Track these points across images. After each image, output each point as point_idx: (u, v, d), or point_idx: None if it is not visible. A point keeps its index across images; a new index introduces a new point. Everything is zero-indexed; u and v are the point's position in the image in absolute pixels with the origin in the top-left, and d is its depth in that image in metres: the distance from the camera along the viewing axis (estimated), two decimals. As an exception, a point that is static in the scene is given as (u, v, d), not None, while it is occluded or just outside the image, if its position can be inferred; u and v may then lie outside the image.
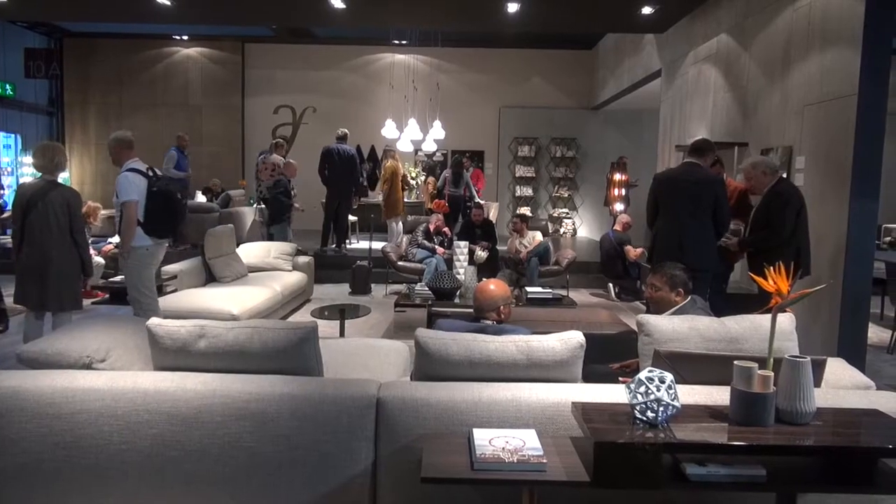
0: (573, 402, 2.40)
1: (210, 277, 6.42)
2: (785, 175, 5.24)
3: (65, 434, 2.60)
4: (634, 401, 2.16)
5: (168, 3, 8.20)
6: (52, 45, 14.50)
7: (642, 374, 2.18)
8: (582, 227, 14.22)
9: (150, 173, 4.93)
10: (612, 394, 2.53)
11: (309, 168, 9.78)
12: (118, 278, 5.98)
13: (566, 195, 14.27)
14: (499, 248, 8.30)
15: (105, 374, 2.71)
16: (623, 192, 11.92)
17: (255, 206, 11.03)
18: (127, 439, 2.60)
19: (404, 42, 13.72)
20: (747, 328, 2.82)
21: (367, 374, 2.96)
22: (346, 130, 9.51)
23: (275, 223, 8.60)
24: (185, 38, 14.02)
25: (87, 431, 2.60)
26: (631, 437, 2.08)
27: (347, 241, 10.02)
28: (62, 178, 4.98)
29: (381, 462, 2.60)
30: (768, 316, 2.34)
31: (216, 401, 2.60)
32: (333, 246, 9.56)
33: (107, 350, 2.86)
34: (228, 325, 2.80)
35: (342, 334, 5.01)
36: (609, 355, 3.65)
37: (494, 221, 9.70)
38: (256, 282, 6.40)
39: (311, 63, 13.93)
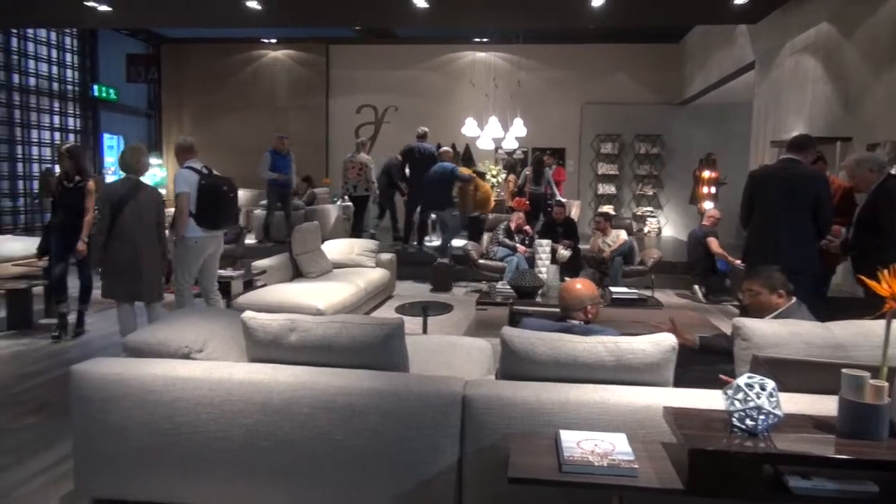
0: (665, 407, 2.32)
1: (297, 273, 6.61)
2: (894, 172, 4.90)
3: (165, 421, 2.73)
4: (732, 408, 2.06)
5: (258, 6, 8.49)
6: (150, 50, 15.31)
7: (741, 381, 2.07)
8: (667, 226, 13.80)
9: (204, 171, 5.29)
10: (706, 399, 2.43)
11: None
12: (226, 272, 6.23)
13: (651, 193, 13.88)
14: (581, 246, 8.16)
15: (203, 363, 2.83)
16: (713, 189, 11.48)
17: (338, 203, 11.29)
18: (222, 427, 2.70)
19: (485, 40, 13.70)
20: (856, 334, 2.65)
21: (450, 371, 2.96)
22: (426, 129, 9.58)
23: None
24: (273, 41, 14.49)
25: (186, 419, 2.72)
26: (728, 446, 1.99)
27: (427, 238, 10.12)
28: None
29: (466, 459, 2.60)
30: (880, 322, 2.19)
31: (306, 393, 2.66)
32: (415, 243, 9.66)
33: (204, 341, 2.98)
34: (318, 320, 2.87)
35: (425, 331, 5.04)
36: (698, 359, 3.51)
37: (576, 220, 9.55)
38: (341, 278, 6.54)
39: (392, 63, 14.12)
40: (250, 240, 10.01)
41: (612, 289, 6.02)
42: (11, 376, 4.72)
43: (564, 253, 6.97)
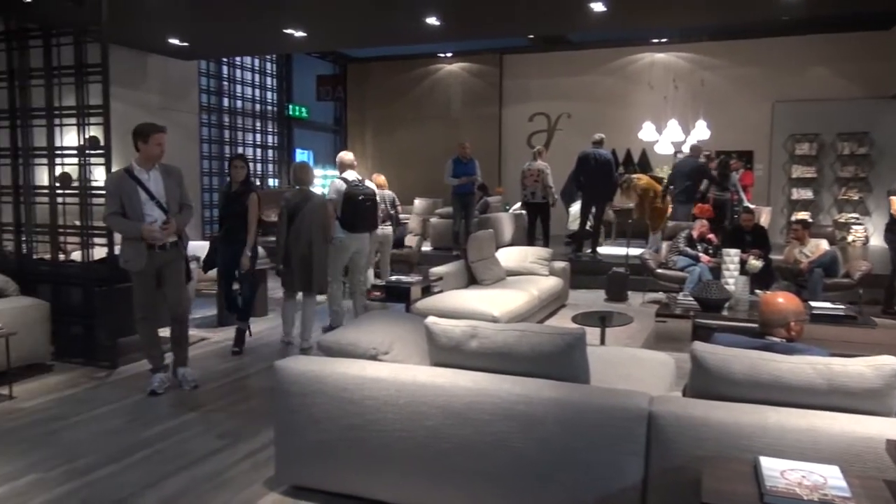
0: (888, 440, 2.05)
1: (471, 280, 6.74)
2: None
3: (356, 417, 2.89)
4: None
5: (437, 22, 8.80)
6: (337, 71, 16.48)
7: None
8: (875, 235, 12.30)
9: (354, 182, 6.22)
10: (942, 434, 2.11)
11: (562, 174, 9.87)
12: (393, 278, 6.54)
13: (856, 198, 12.46)
14: (772, 256, 7.50)
15: (389, 365, 2.96)
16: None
17: (510, 210, 11.38)
18: (406, 428, 2.80)
19: (664, 40, 13.12)
20: None
21: (631, 385, 2.83)
22: (603, 135, 9.36)
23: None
24: (449, 54, 14.96)
25: (374, 417, 2.86)
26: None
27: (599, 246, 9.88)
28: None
29: (651, 479, 2.47)
30: None
31: (486, 399, 2.68)
32: (589, 251, 9.46)
33: (390, 343, 3.12)
34: (498, 327, 2.89)
35: (603, 342, 4.91)
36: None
37: (766, 227, 8.80)
38: (515, 285, 6.56)
39: (565, 69, 13.98)
40: (426, 247, 10.38)
41: (812, 304, 5.46)
42: (224, 367, 5.27)
43: (756, 263, 6.43)
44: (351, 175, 6.25)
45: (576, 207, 10.50)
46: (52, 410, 4.23)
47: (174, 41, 10.18)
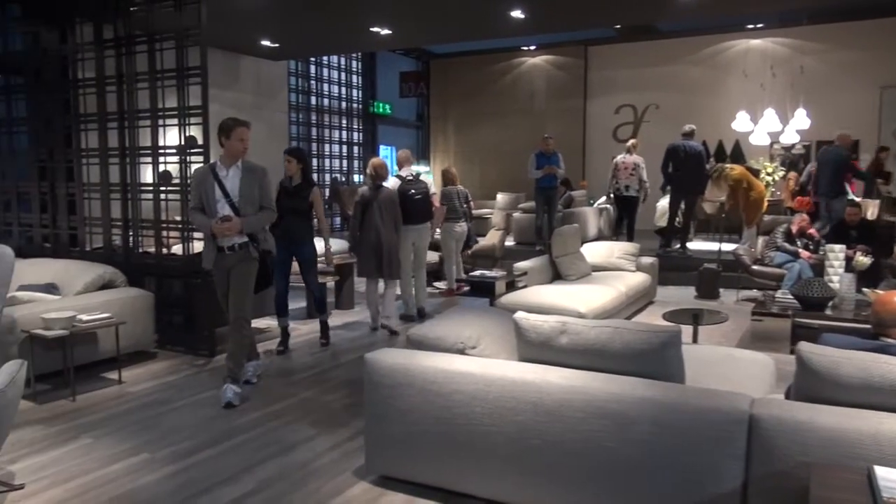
0: None
1: (556, 275, 6.65)
2: None
3: (444, 410, 2.91)
4: None
5: (522, 15, 8.73)
6: (420, 67, 16.63)
7: None
8: None
9: (409, 178, 6.73)
10: None
11: (648, 167, 9.60)
12: (477, 272, 6.55)
13: (973, 190, 11.50)
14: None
15: (478, 360, 2.96)
16: None
17: (595, 205, 11.16)
18: (495, 422, 2.79)
19: (760, 25, 12.52)
20: None
21: (728, 386, 2.72)
22: (693, 126, 9.02)
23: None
24: (533, 47, 14.82)
25: (462, 411, 2.87)
26: None
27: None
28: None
29: (752, 484, 2.37)
30: None
31: (577, 397, 2.64)
32: (678, 247, 9.17)
33: (477, 338, 3.12)
34: (589, 324, 2.83)
35: (695, 340, 4.74)
36: None
37: (874, 221, 8.25)
38: (600, 281, 6.43)
39: (653, 59, 13.57)
40: (509, 241, 10.33)
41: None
42: (314, 358, 5.43)
43: (864, 260, 6.03)
44: (405, 172, 6.84)
45: (663, 202, 10.19)
46: (156, 395, 4.47)
47: (266, 43, 10.55)
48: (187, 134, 5.66)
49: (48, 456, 3.50)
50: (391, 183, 6.71)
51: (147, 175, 5.97)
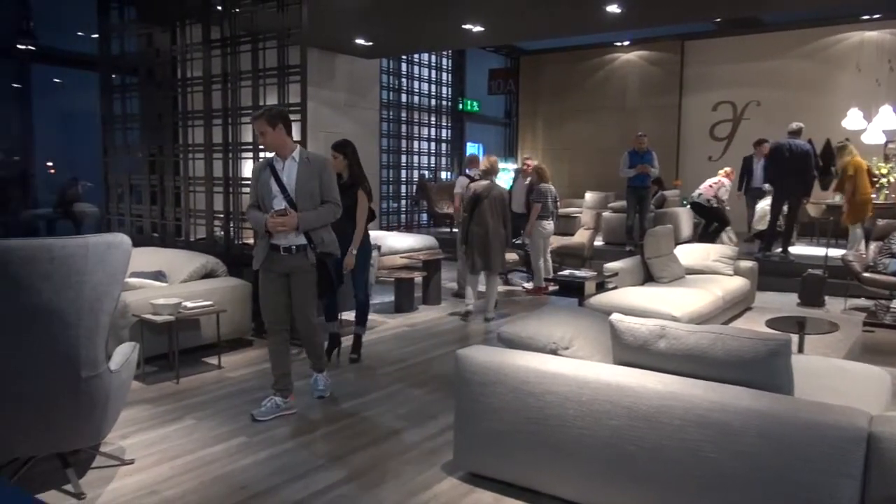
0: None
1: (647, 277, 6.46)
2: None
3: (535, 411, 2.87)
4: None
5: (618, 10, 8.52)
6: (509, 64, 16.54)
7: None
8: None
9: (476, 177, 7.15)
10: None
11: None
12: (566, 272, 6.46)
13: None
14: None
15: (571, 361, 2.91)
16: None
17: (687, 205, 10.76)
18: (588, 426, 2.73)
19: (876, 16, 11.70)
20: None
21: (840, 400, 2.55)
22: (801, 124, 8.54)
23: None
24: (626, 43, 14.45)
25: (554, 412, 2.82)
26: None
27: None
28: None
29: (869, 508, 2.21)
30: None
31: (675, 403, 2.55)
32: (779, 251, 8.71)
33: (570, 339, 3.06)
34: (690, 328, 2.73)
35: (801, 350, 4.48)
36: None
37: None
38: (695, 284, 6.20)
39: (755, 54, 12.93)
40: (598, 241, 10.13)
41: None
42: (403, 352, 5.51)
43: None
44: (473, 171, 7.51)
45: (763, 203, 9.72)
46: (253, 381, 4.65)
47: (360, 41, 10.77)
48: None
49: (155, 434, 3.70)
50: (460, 182, 7.47)
51: (247, 169, 6.21)
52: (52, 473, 3.09)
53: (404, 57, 14.01)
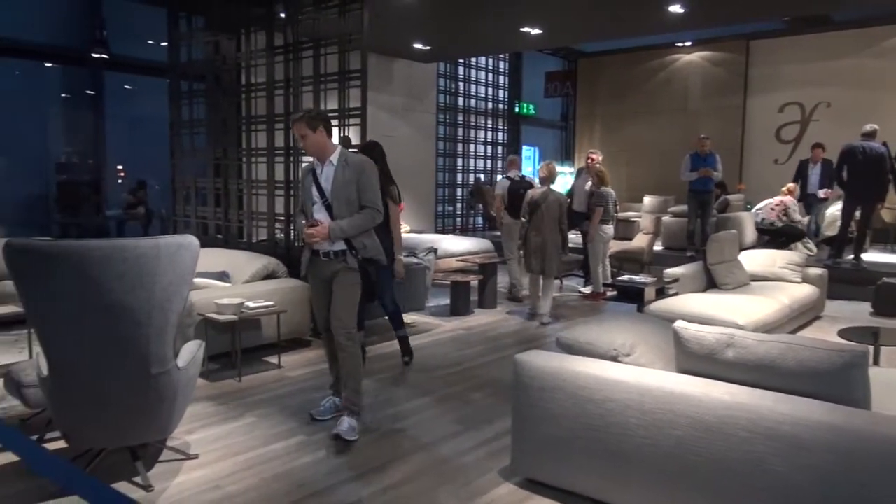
0: None
1: (710, 283, 6.29)
2: None
3: (595, 418, 2.82)
4: None
5: (681, 10, 8.34)
6: (566, 66, 16.39)
7: None
8: None
9: (516, 178, 7.74)
10: None
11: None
12: (624, 277, 6.34)
13: None
14: None
15: (633, 369, 2.85)
16: None
17: (751, 209, 10.44)
18: (650, 435, 2.67)
19: (958, 12, 11.11)
20: None
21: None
22: (876, 126, 8.17)
23: None
24: (688, 44, 14.12)
25: (615, 420, 2.77)
26: None
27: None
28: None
29: (954, 532, 2.09)
30: None
31: (742, 415, 2.46)
32: (850, 257, 8.35)
33: (631, 345, 3.00)
34: (759, 338, 2.64)
35: (876, 363, 4.28)
36: None
37: None
38: (760, 291, 5.99)
39: (825, 53, 12.45)
40: (657, 246, 9.92)
41: None
42: (458, 355, 5.51)
43: None
44: (513, 173, 7.90)
45: (833, 209, 9.35)
46: (312, 381, 4.73)
47: (419, 45, 10.85)
48: (342, 134, 5.94)
49: (218, 430, 3.80)
50: (500, 184, 7.84)
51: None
52: (123, 466, 3.21)
53: (461, 61, 14.05)
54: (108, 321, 2.81)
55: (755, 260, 6.77)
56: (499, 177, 15.21)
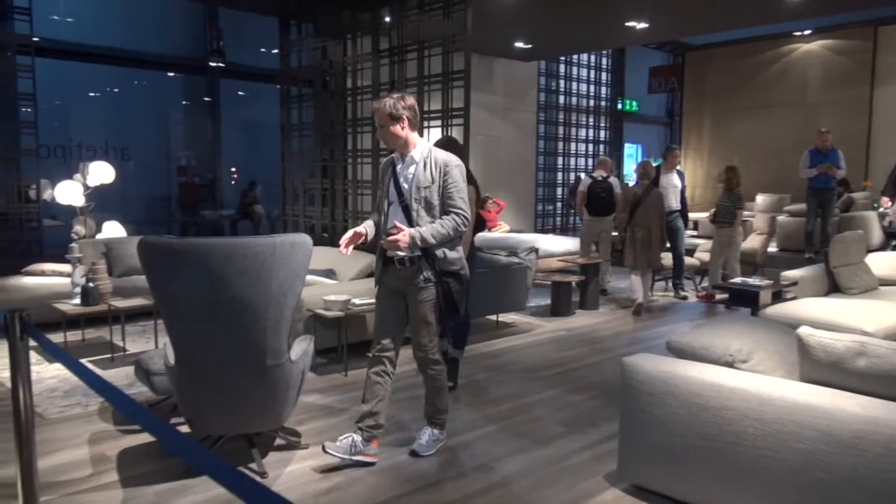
0: None
1: (832, 287, 5.88)
2: None
3: (709, 426, 2.70)
4: None
5: (799, -3, 7.86)
6: (672, 61, 15.80)
7: None
8: None
9: (599, 178, 8.01)
10: None
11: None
12: (738, 280, 6.04)
13: None
14: None
15: (752, 376, 2.70)
16: None
17: (880, 209, 9.68)
18: (771, 446, 2.53)
19: None
20: None
21: None
22: None
23: None
24: (808, 32, 13.28)
25: (731, 429, 2.64)
26: None
27: None
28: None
29: None
30: None
31: (878, 429, 2.29)
32: None
33: (749, 352, 2.85)
34: (894, 346, 2.44)
35: None
36: None
37: None
38: (890, 297, 5.54)
39: (967, 37, 11.38)
40: (772, 247, 9.40)
41: None
42: (560, 356, 5.44)
43: None
44: (597, 174, 8.14)
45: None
46: (415, 378, 4.70)
47: (519, 44, 10.80)
48: (446, 135, 6.00)
49: (326, 422, 3.93)
50: (584, 181, 8.21)
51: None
52: (239, 452, 3.38)
53: (563, 58, 13.86)
54: (230, 314, 2.97)
55: (884, 263, 6.27)
56: (582, 174, 15.03)
